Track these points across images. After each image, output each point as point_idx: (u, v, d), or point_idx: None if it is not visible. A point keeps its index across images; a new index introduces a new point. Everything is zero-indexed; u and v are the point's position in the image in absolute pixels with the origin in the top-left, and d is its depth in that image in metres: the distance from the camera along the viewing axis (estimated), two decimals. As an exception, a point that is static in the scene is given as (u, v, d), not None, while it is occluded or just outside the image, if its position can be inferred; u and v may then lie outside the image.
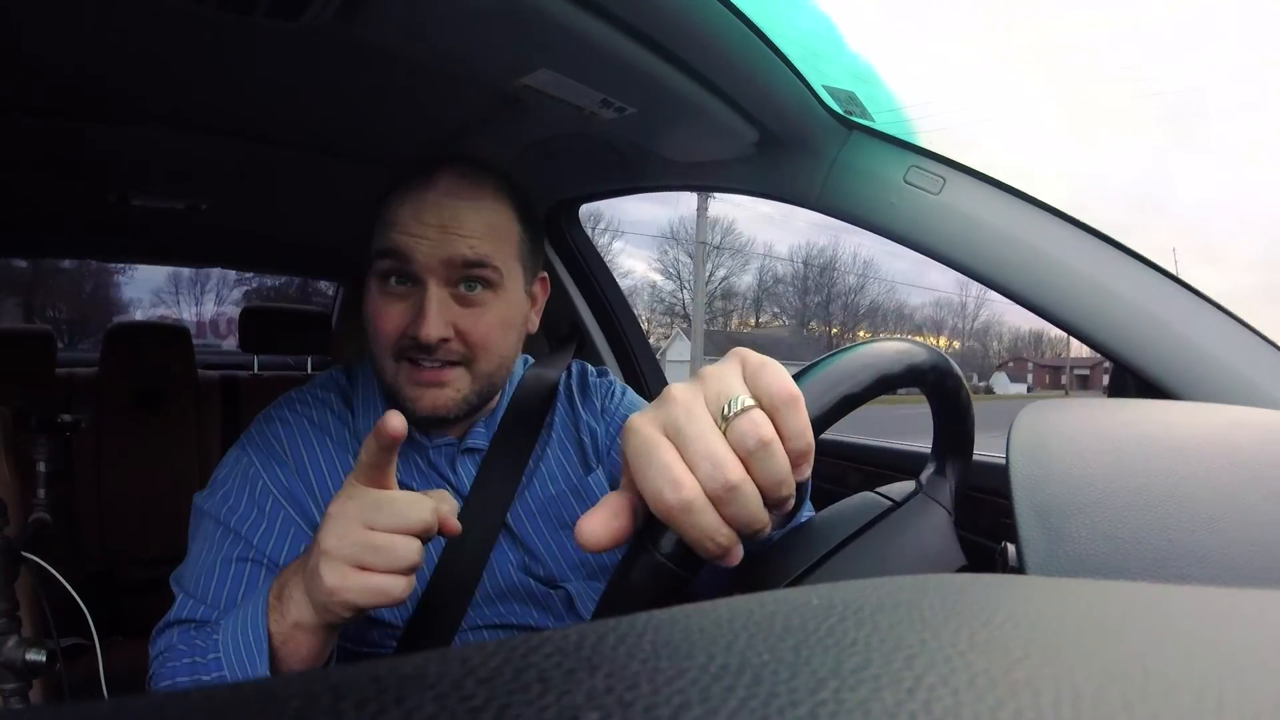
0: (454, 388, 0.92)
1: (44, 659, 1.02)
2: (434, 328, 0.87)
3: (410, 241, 0.88)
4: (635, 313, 2.20)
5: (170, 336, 2.51)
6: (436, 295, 0.89)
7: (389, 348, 0.91)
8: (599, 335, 2.15)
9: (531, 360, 1.15)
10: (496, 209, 0.94)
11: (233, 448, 0.98)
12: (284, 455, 0.95)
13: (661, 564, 0.49)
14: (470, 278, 0.90)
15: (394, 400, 0.93)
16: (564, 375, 1.13)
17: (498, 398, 1.05)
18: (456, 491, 0.98)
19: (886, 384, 0.61)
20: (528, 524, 1.00)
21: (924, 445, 0.82)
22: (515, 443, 1.02)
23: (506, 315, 0.95)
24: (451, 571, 0.93)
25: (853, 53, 1.07)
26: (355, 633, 0.93)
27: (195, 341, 2.56)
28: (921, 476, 0.78)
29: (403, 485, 0.89)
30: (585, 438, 1.08)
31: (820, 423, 0.57)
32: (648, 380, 2.18)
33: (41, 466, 1.33)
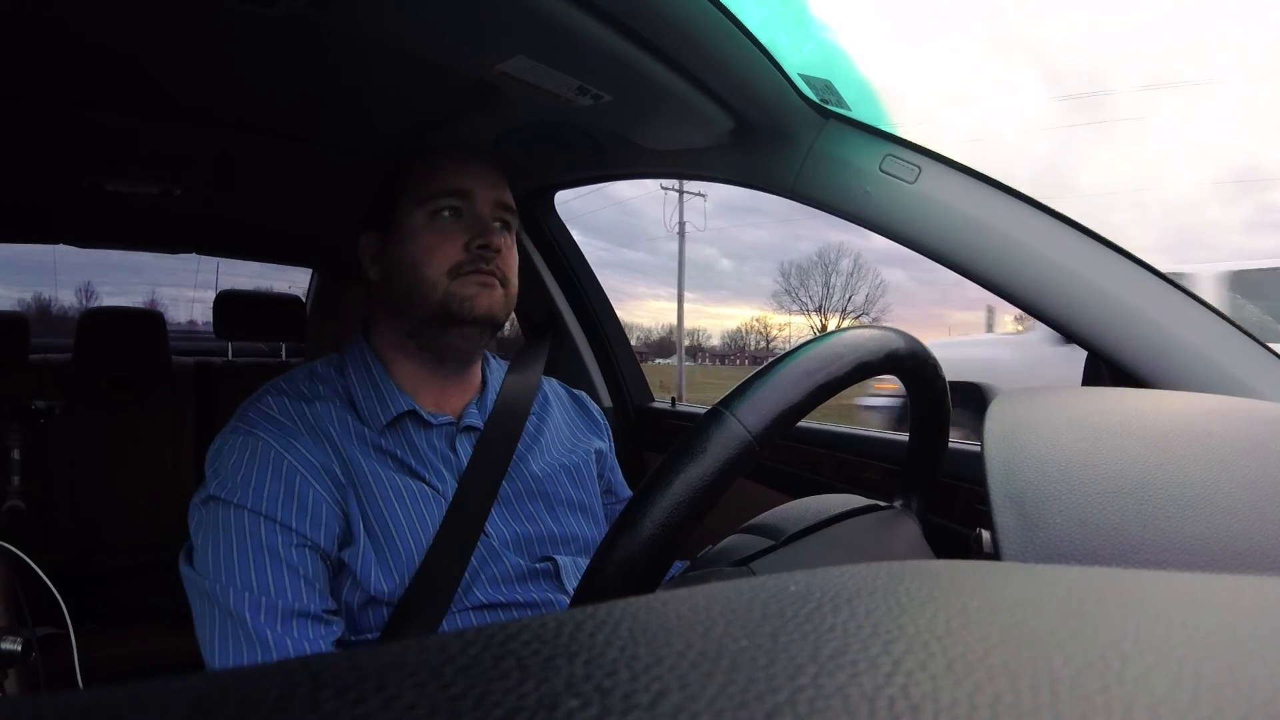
0: (500, 291, 1.05)
1: (19, 649, 1.01)
2: (499, 235, 1.05)
3: (471, 182, 1.06)
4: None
5: (144, 322, 2.48)
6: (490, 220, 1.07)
7: (446, 267, 1.02)
8: (574, 323, 2.14)
9: (509, 361, 1.24)
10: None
11: (229, 434, 0.95)
12: (298, 427, 0.96)
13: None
14: (502, 219, 1.09)
15: (445, 314, 1.02)
16: (552, 382, 1.27)
17: (486, 381, 1.14)
18: (457, 468, 1.04)
19: (866, 371, 0.62)
20: (524, 498, 1.07)
21: (900, 434, 0.82)
22: (509, 421, 1.10)
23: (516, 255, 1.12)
24: (450, 539, 0.98)
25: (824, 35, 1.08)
26: (349, 618, 0.94)
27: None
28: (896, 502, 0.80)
29: (411, 462, 1.01)
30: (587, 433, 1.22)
31: (797, 410, 0.57)
32: (623, 368, 2.17)
33: (15, 454, 1.32)
